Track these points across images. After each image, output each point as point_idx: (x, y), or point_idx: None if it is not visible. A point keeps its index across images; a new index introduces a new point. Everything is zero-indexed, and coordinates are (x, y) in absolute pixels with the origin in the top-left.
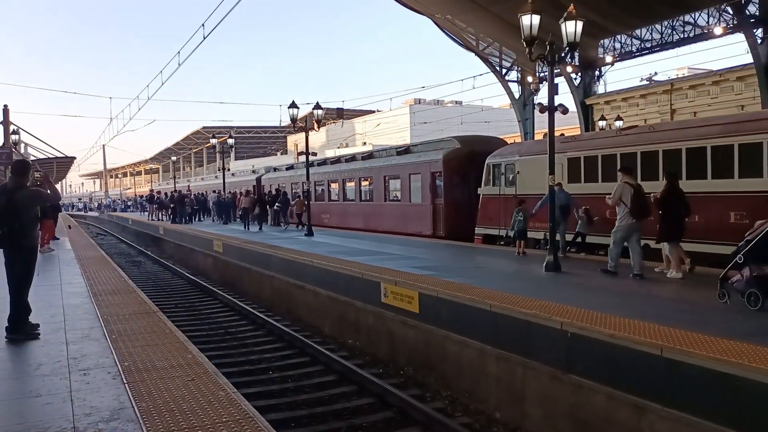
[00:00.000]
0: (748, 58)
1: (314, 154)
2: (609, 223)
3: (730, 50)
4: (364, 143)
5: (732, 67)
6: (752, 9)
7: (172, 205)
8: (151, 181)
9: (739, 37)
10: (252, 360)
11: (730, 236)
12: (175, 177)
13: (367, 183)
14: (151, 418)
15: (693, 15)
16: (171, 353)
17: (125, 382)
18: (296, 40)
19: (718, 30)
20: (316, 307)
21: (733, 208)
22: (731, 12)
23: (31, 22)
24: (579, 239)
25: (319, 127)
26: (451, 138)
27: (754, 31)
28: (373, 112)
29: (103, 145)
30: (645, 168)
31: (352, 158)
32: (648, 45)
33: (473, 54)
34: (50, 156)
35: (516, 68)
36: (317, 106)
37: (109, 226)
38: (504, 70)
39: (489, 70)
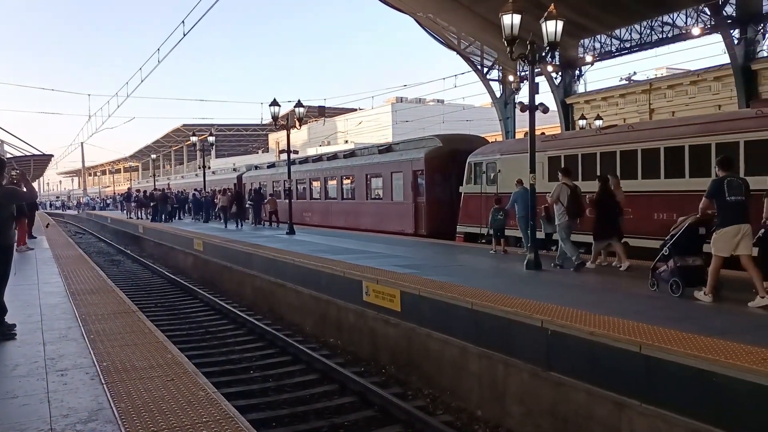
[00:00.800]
0: (725, 59)
1: (296, 152)
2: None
3: (707, 50)
4: (346, 141)
5: (709, 68)
6: (729, 10)
7: (152, 204)
8: (131, 179)
9: (717, 37)
10: (233, 359)
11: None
12: (155, 175)
13: (348, 181)
14: (129, 418)
15: (671, 15)
16: (150, 353)
17: (103, 382)
18: (278, 38)
19: (695, 30)
20: (297, 306)
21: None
22: (709, 13)
23: (6, 17)
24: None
25: (300, 125)
26: (433, 136)
27: (731, 31)
28: (355, 110)
29: (82, 143)
30: (624, 167)
31: (334, 156)
32: (627, 45)
33: (455, 53)
34: (27, 154)
35: (497, 67)
36: (299, 104)
37: (87, 224)
38: (485, 69)
39: (470, 69)
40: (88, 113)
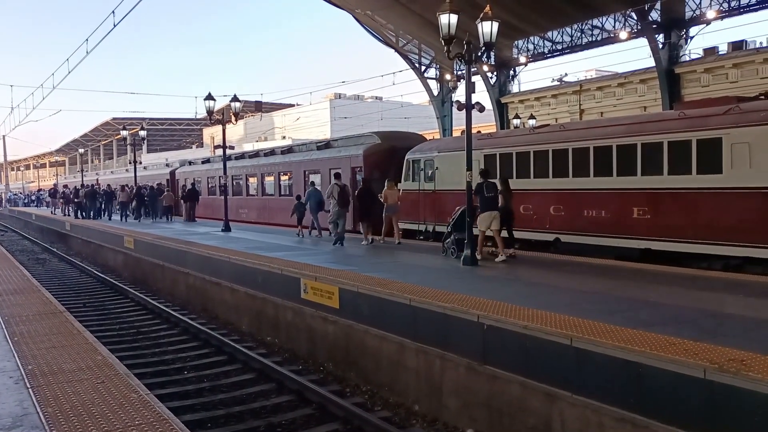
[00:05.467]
0: (651, 62)
1: (232, 147)
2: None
3: (634, 54)
4: (284, 137)
5: (636, 70)
6: (655, 15)
7: (76, 200)
8: (57, 174)
9: (643, 41)
10: (166, 360)
11: (633, 230)
12: (82, 170)
13: (286, 177)
14: (57, 423)
15: (600, 19)
16: (79, 355)
17: (29, 386)
18: (214, 31)
19: (623, 34)
20: (233, 304)
21: (636, 204)
22: (635, 18)
23: None
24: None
25: (236, 120)
26: (372, 133)
27: (656, 36)
28: (293, 105)
29: (3, 136)
30: (556, 165)
31: (272, 152)
32: (559, 47)
33: (393, 50)
34: None
35: (435, 66)
36: (235, 99)
37: (10, 221)
38: (423, 68)
39: (409, 67)
40: (11, 105)
